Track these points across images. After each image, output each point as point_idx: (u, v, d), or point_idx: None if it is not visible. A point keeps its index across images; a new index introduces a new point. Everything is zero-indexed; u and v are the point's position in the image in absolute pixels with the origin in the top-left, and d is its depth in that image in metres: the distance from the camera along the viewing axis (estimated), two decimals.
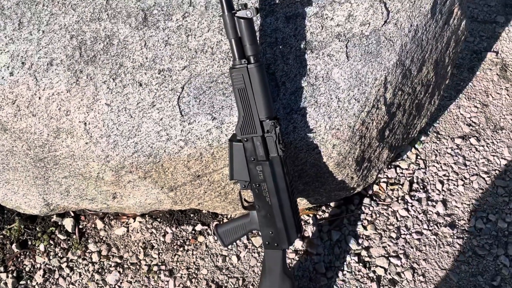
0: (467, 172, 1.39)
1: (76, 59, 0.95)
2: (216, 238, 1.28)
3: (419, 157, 1.43)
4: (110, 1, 0.94)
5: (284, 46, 0.98)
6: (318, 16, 0.98)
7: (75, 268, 1.27)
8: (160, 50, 0.94)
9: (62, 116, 0.98)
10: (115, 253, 1.29)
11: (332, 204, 1.34)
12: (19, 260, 1.29)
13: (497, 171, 1.39)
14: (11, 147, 1.06)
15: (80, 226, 1.33)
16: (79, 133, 0.99)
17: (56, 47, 0.95)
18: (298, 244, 1.27)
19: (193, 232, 1.31)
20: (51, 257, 1.28)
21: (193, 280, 1.22)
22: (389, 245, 1.26)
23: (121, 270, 1.26)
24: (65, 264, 1.27)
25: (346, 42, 0.99)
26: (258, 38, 0.96)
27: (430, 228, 1.29)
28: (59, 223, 1.34)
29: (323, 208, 1.34)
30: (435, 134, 1.48)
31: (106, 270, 1.26)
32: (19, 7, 0.96)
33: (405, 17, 1.02)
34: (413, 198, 1.34)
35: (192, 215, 1.34)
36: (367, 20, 0.99)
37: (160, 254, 1.28)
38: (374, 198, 1.35)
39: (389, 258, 1.24)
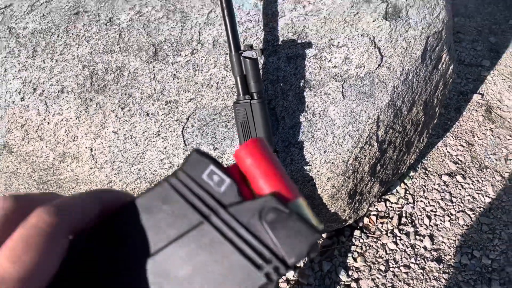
0: (453, 208, 1.45)
1: (87, 88, 1.00)
2: None
3: (408, 192, 1.48)
4: (122, 35, 1.00)
5: (285, 83, 1.04)
6: (317, 57, 1.04)
7: None
8: (168, 82, 1.00)
9: (70, 141, 1.02)
10: None
11: (323, 235, 1.38)
12: None
13: (481, 209, 1.45)
14: (16, 169, 1.09)
15: None
16: (84, 158, 1.02)
17: (68, 75, 1.00)
18: (290, 274, 1.30)
19: None
20: None
21: None
22: (378, 278, 1.30)
23: None
24: None
25: (342, 83, 1.06)
26: (261, 76, 1.02)
27: (418, 262, 1.33)
28: None
29: None
30: (423, 170, 1.54)
31: None
32: (34, 36, 1.02)
33: (398, 62, 1.09)
34: (401, 232, 1.39)
35: None
36: (362, 63, 1.06)
37: None
38: (364, 231, 1.39)
39: None
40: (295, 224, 0.25)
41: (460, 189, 1.50)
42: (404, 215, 1.43)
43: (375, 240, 1.38)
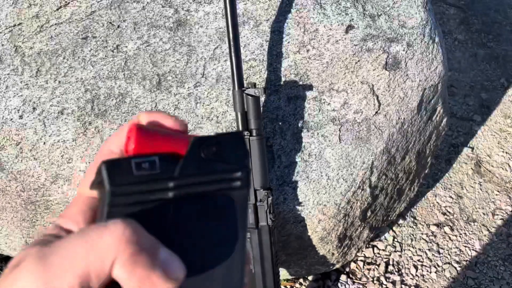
0: (440, 259, 1.45)
1: (87, 111, 1.00)
2: None
3: (396, 240, 1.48)
4: (128, 62, 1.02)
5: (284, 123, 1.06)
6: (316, 100, 1.06)
7: None
8: (169, 112, 1.00)
9: (64, 163, 1.01)
10: None
11: (310, 277, 1.36)
12: None
13: (468, 262, 1.45)
14: (4, 187, 1.07)
15: None
16: (77, 181, 1.01)
17: (70, 97, 1.01)
18: None
19: None
20: None
21: None
22: None
23: None
24: None
25: (339, 126, 1.07)
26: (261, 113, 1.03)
27: None
28: None
29: (301, 281, 1.36)
30: (412, 219, 1.55)
31: None
32: (40, 56, 1.03)
33: (394, 110, 1.11)
34: (388, 280, 1.38)
35: None
36: (360, 109, 1.08)
37: None
38: (351, 276, 1.38)
39: None
40: (224, 141, 0.28)
41: (447, 241, 1.50)
42: (391, 263, 1.42)
43: (361, 286, 1.36)
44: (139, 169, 0.26)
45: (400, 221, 1.53)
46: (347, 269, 1.40)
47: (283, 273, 1.26)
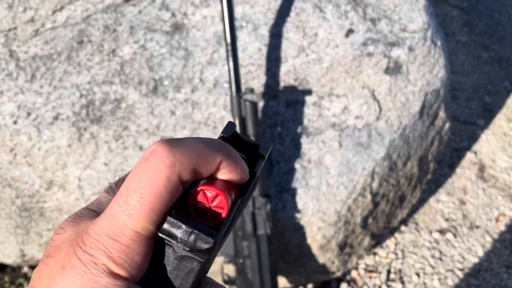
0: (443, 267, 1.42)
1: (82, 117, 0.98)
2: None
3: (397, 247, 1.46)
4: (124, 67, 1.00)
5: (282, 128, 1.04)
6: (316, 105, 1.04)
7: None
8: (165, 118, 0.99)
9: (58, 169, 0.99)
10: None
11: (309, 286, 1.34)
12: None
13: (471, 269, 1.42)
14: None
15: None
16: (71, 188, 0.99)
17: (65, 103, 0.99)
18: None
19: None
20: None
21: None
22: None
23: None
24: None
25: (339, 132, 1.05)
26: (259, 119, 1.01)
27: None
28: (29, 275, 1.29)
29: None
30: (415, 225, 1.52)
31: None
32: (35, 61, 1.01)
33: (396, 116, 1.09)
34: None
35: None
36: (361, 115, 1.06)
37: None
38: (351, 284, 1.36)
39: None
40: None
41: (450, 248, 1.47)
42: (392, 270, 1.40)
43: None
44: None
45: (402, 228, 1.51)
46: (348, 277, 1.38)
47: (282, 282, 1.23)
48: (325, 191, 1.05)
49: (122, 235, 0.23)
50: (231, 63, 0.90)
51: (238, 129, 0.92)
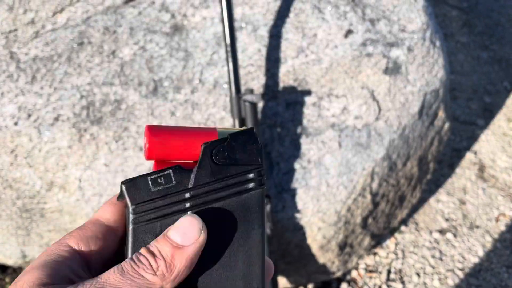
0: (443, 267, 1.42)
1: (83, 118, 0.99)
2: None
3: (398, 247, 1.46)
4: (124, 68, 1.00)
5: (282, 129, 1.04)
6: (315, 105, 1.05)
7: None
8: (165, 119, 0.99)
9: (59, 170, 0.99)
10: None
11: (310, 286, 1.34)
12: None
13: (471, 269, 1.42)
14: (0, 195, 1.06)
15: None
16: (72, 189, 1.00)
17: (65, 104, 0.99)
18: None
19: None
20: None
21: None
22: None
23: None
24: None
25: (339, 132, 1.06)
26: (259, 119, 1.01)
27: None
28: None
29: None
30: (415, 226, 1.52)
31: None
32: (35, 62, 1.01)
33: (395, 116, 1.10)
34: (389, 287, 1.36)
35: None
36: (360, 115, 1.06)
37: None
38: (352, 285, 1.36)
39: None
40: (236, 142, 0.30)
41: (450, 248, 1.48)
42: (393, 270, 1.40)
43: None
44: (156, 185, 0.29)
45: (402, 228, 1.51)
46: (348, 277, 1.38)
47: (283, 282, 1.24)
48: (325, 191, 1.05)
49: None
50: (230, 64, 0.91)
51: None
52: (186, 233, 0.27)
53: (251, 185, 0.30)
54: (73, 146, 0.98)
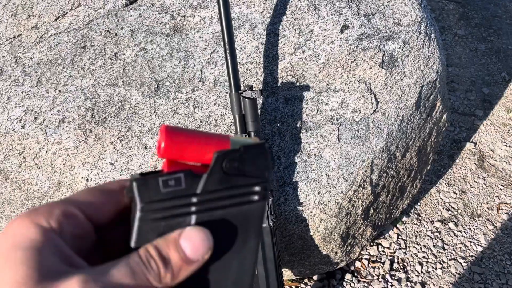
0: (445, 256, 1.44)
1: (88, 119, 1.02)
2: None
3: (400, 237, 1.48)
4: (126, 70, 1.03)
5: (282, 124, 1.06)
6: (314, 100, 1.07)
7: None
8: (168, 117, 1.02)
9: (66, 170, 1.02)
10: None
11: (314, 277, 1.37)
12: None
13: (473, 257, 1.45)
14: (9, 196, 1.09)
15: None
16: (79, 188, 1.03)
17: (70, 106, 1.02)
18: None
19: None
20: None
21: None
22: None
23: None
24: None
25: (338, 126, 1.08)
26: (259, 115, 1.04)
27: None
28: None
29: (306, 280, 1.36)
30: (416, 216, 1.55)
31: None
32: (40, 66, 1.04)
33: (392, 108, 1.12)
34: (393, 277, 1.38)
35: None
36: (358, 108, 1.09)
37: None
38: (356, 275, 1.38)
39: None
40: (247, 154, 0.31)
41: (452, 237, 1.50)
42: (396, 260, 1.42)
43: (366, 285, 1.36)
44: (165, 186, 0.30)
45: (404, 218, 1.53)
46: (352, 268, 1.40)
47: (287, 274, 1.26)
48: (326, 183, 1.08)
49: None
50: (229, 62, 0.93)
51: (238, 126, 0.94)
52: (198, 249, 0.28)
53: (255, 197, 0.31)
54: (79, 147, 1.01)
